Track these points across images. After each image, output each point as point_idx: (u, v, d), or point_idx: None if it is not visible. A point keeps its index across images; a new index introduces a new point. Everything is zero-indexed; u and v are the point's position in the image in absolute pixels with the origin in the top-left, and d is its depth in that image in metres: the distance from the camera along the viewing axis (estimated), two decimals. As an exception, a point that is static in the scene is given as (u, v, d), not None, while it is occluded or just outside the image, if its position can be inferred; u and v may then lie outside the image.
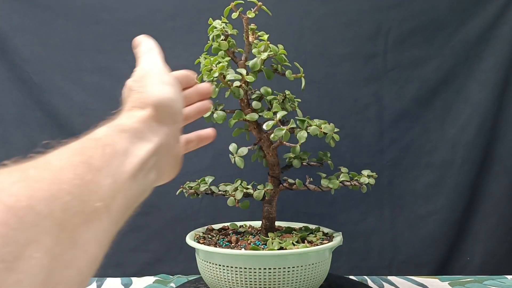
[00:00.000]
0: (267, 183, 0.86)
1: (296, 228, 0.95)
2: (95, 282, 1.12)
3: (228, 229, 0.96)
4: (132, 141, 0.40)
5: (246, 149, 0.84)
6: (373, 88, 1.34)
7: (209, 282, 0.81)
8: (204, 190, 0.87)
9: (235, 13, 0.83)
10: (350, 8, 1.33)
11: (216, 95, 0.83)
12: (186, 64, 1.33)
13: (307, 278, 0.77)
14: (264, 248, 0.79)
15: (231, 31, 0.85)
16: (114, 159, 0.37)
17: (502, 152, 1.33)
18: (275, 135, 0.79)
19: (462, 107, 1.34)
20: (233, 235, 0.89)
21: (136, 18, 1.33)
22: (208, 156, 1.34)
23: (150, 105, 0.44)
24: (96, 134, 0.39)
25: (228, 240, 0.86)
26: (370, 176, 0.87)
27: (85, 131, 0.41)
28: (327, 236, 0.91)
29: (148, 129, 0.42)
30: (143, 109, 0.44)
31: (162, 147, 0.43)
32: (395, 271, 1.34)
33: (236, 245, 0.83)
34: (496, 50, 1.32)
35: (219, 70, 0.78)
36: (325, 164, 0.90)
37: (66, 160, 0.34)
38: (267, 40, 0.83)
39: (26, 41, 1.31)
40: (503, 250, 1.34)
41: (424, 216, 1.35)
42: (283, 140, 0.79)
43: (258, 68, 0.82)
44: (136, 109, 0.44)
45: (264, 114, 0.81)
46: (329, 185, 0.85)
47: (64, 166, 0.33)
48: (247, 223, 1.01)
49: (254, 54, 0.83)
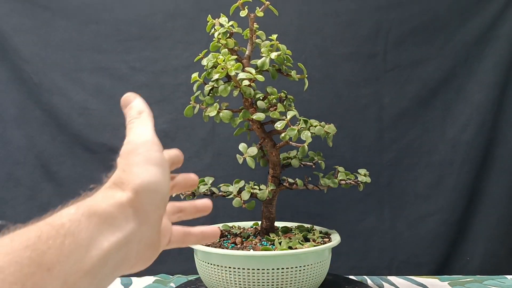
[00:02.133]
0: (269, 183, 0.85)
1: (293, 227, 0.95)
2: (95, 282, 1.11)
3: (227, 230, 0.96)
4: (100, 229, 0.34)
5: (255, 149, 0.84)
6: (373, 88, 1.34)
7: (208, 282, 0.81)
8: (204, 191, 0.87)
9: (243, 11, 0.83)
10: (350, 8, 1.33)
11: (227, 94, 0.82)
12: (186, 64, 1.34)
13: (306, 279, 0.77)
14: (273, 248, 0.79)
15: (236, 29, 0.85)
16: (73, 254, 0.32)
17: (502, 152, 1.33)
18: (287, 134, 0.79)
19: (462, 107, 1.34)
20: (236, 237, 0.88)
21: (136, 18, 1.33)
22: (208, 156, 1.34)
23: (131, 189, 0.37)
24: (61, 218, 0.34)
25: (233, 242, 0.85)
26: (366, 175, 0.87)
27: (85, 131, 0.40)
28: (326, 235, 0.91)
29: (123, 215, 0.36)
30: (123, 191, 0.38)
31: (135, 237, 0.37)
32: (395, 271, 1.34)
33: (242, 247, 0.82)
34: (496, 50, 1.32)
35: (235, 69, 0.77)
36: (317, 164, 0.90)
37: (12, 256, 0.29)
38: (276, 39, 0.83)
39: (26, 41, 1.31)
40: (503, 250, 1.34)
41: (424, 216, 1.35)
42: (293, 140, 0.79)
43: (266, 67, 0.81)
44: (116, 189, 0.38)
45: (271, 114, 0.81)
46: (330, 184, 0.85)
47: (7, 266, 0.29)
48: (236, 224, 0.99)
49: (262, 54, 0.83)
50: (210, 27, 0.87)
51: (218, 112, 0.82)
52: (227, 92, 0.80)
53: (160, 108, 1.34)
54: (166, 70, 1.34)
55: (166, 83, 1.34)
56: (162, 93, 1.34)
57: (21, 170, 1.33)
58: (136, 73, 1.33)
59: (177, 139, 1.34)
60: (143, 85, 1.33)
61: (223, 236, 0.91)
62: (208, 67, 0.82)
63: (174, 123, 1.34)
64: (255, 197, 0.84)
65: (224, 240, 0.87)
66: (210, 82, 0.83)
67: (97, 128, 1.32)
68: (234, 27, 0.84)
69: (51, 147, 1.33)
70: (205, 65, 0.83)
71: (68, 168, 1.33)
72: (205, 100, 0.83)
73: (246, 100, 0.83)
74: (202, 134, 1.34)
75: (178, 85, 1.34)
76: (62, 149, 1.33)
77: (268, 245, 0.82)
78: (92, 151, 1.33)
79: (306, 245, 0.80)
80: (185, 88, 1.34)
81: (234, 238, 0.87)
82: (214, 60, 0.81)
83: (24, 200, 1.33)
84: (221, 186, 0.88)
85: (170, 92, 1.34)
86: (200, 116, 1.36)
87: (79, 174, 1.33)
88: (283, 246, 0.78)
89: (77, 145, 1.33)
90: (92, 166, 1.33)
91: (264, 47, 0.83)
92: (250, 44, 0.85)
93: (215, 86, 0.81)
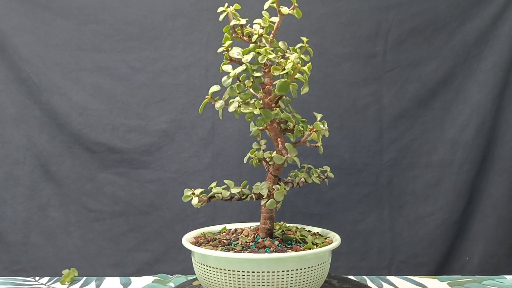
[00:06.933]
0: (280, 183, 0.84)
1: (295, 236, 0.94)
2: (94, 282, 1.12)
3: (229, 232, 0.95)
4: None
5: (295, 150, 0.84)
6: (372, 88, 1.34)
7: (205, 284, 0.80)
8: (229, 195, 0.83)
9: (277, 7, 0.80)
10: (350, 8, 1.33)
11: (250, 96, 0.79)
12: (186, 64, 1.34)
13: (305, 281, 0.76)
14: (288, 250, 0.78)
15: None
16: None
17: (501, 153, 1.34)
18: (312, 136, 0.80)
19: (461, 107, 1.34)
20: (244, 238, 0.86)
21: (136, 18, 1.33)
22: (208, 156, 1.34)
23: None
24: None
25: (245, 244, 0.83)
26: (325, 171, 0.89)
27: (84, 131, 0.40)
28: (326, 236, 0.90)
29: None
30: None
31: None
32: (394, 271, 1.34)
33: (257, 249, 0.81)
34: (496, 50, 1.32)
35: (297, 68, 0.76)
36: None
37: None
38: (306, 43, 0.82)
39: (26, 40, 1.31)
40: (502, 250, 1.34)
41: (423, 216, 1.35)
42: (318, 141, 0.80)
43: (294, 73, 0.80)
44: None
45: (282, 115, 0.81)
46: (308, 181, 0.85)
47: None
48: (227, 226, 0.98)
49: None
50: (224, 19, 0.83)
51: (239, 106, 0.78)
52: (287, 90, 0.76)
53: (159, 108, 1.34)
54: (165, 70, 1.34)
55: (166, 83, 1.34)
56: (162, 93, 1.34)
57: (20, 169, 1.33)
58: (135, 73, 1.33)
59: (176, 139, 1.34)
60: (143, 85, 1.33)
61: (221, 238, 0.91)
62: (246, 61, 0.76)
63: (174, 123, 1.34)
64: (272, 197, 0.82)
65: (235, 241, 0.85)
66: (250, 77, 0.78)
67: (97, 127, 1.32)
68: (274, 22, 0.82)
69: (51, 146, 1.33)
70: (240, 58, 0.78)
71: (67, 168, 1.33)
72: (239, 95, 0.78)
73: (270, 99, 0.80)
74: (202, 134, 1.34)
75: (178, 85, 1.34)
76: (61, 148, 1.33)
77: (280, 247, 0.81)
78: (91, 150, 1.33)
79: (321, 245, 0.79)
80: (184, 88, 1.34)
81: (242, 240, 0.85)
82: (265, 55, 0.76)
83: (23, 199, 1.33)
84: (232, 188, 0.84)
85: (170, 92, 1.34)
86: (200, 116, 1.36)
87: (78, 174, 1.33)
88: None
89: (77, 144, 1.33)
90: (91, 166, 1.33)
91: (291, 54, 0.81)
92: (270, 41, 0.82)
93: (253, 82, 0.78)
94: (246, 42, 0.82)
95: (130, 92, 1.33)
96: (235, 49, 0.79)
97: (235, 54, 0.78)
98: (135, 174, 1.34)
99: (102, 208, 1.34)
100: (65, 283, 1.11)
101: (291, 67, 0.76)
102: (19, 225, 1.33)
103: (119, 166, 1.34)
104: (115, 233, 1.34)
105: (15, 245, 1.32)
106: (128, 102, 1.33)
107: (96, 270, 1.32)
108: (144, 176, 1.34)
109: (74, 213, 1.34)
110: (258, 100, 0.81)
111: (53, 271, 1.28)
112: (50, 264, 1.32)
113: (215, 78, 1.30)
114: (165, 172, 1.34)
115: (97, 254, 1.34)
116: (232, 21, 0.81)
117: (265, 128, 0.83)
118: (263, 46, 0.80)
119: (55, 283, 1.12)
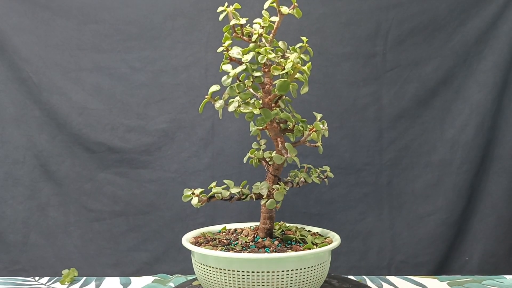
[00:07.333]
0: (280, 183, 0.84)
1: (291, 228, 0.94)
2: (94, 282, 1.12)
3: (229, 232, 0.95)
4: None
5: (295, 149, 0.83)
6: (372, 88, 1.34)
7: (205, 284, 0.80)
8: (229, 195, 0.83)
9: (277, 7, 0.80)
10: (350, 8, 1.33)
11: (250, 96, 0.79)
12: (186, 64, 1.34)
13: (305, 281, 0.76)
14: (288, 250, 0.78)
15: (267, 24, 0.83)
16: None
17: (501, 153, 1.34)
18: (313, 136, 0.80)
19: (461, 107, 1.34)
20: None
21: (136, 18, 1.33)
22: (207, 156, 1.34)
23: None
24: None
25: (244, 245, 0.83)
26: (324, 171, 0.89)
27: (84, 130, 0.40)
28: (325, 236, 0.90)
29: None
30: None
31: None
32: (394, 271, 1.34)
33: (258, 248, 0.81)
34: (496, 50, 1.32)
35: (296, 64, 0.76)
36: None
37: None
38: (306, 43, 0.82)
39: (25, 40, 1.31)
40: (502, 250, 1.34)
41: (423, 216, 1.35)
42: (317, 141, 0.80)
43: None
44: None
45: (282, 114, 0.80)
46: (307, 180, 0.85)
47: None
48: (227, 226, 0.98)
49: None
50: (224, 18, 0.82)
51: (239, 106, 0.77)
52: (287, 89, 0.76)
53: (159, 108, 1.34)
54: (165, 70, 1.34)
55: (166, 83, 1.34)
56: (162, 92, 1.34)
57: (20, 169, 1.33)
58: (135, 73, 1.33)
59: (176, 139, 1.34)
60: (143, 85, 1.33)
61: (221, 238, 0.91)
62: (246, 60, 0.76)
63: (174, 123, 1.34)
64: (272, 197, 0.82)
65: (235, 241, 0.85)
66: (250, 77, 0.78)
67: (97, 127, 1.33)
68: (274, 22, 0.82)
69: (50, 146, 1.33)
70: (239, 58, 0.77)
71: (67, 168, 1.33)
72: (239, 95, 0.78)
73: (270, 99, 0.80)
74: (202, 133, 1.34)
75: (178, 84, 1.34)
76: (61, 148, 1.33)
77: (280, 247, 0.81)
78: (91, 150, 1.33)
79: (320, 245, 0.79)
80: (184, 87, 1.34)
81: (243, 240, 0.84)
82: (265, 55, 0.76)
83: (23, 199, 1.33)
84: (232, 188, 0.84)
85: (170, 92, 1.34)
86: (200, 116, 1.36)
87: (78, 174, 1.33)
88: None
89: (77, 144, 1.33)
90: (91, 166, 1.33)
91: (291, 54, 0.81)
92: (270, 41, 0.82)
93: (253, 82, 0.78)
94: (246, 41, 0.82)
95: (130, 92, 1.33)
96: (235, 48, 0.79)
97: (235, 54, 0.78)
98: (135, 174, 1.34)
99: (102, 208, 1.34)
100: (65, 283, 1.11)
101: (291, 66, 0.76)
102: (18, 225, 1.33)
103: (118, 166, 1.34)
104: (114, 233, 1.35)
105: (15, 245, 1.32)
106: (128, 102, 1.33)
107: (96, 270, 1.32)
108: (144, 176, 1.34)
109: (73, 213, 1.34)
110: (258, 100, 0.81)
111: (53, 271, 1.28)
112: (50, 264, 1.33)
113: (215, 77, 1.30)
114: (164, 172, 1.34)
115: (97, 254, 1.34)
116: (232, 21, 0.81)
117: (265, 128, 0.83)
118: (263, 45, 0.80)
119: (55, 283, 1.12)
